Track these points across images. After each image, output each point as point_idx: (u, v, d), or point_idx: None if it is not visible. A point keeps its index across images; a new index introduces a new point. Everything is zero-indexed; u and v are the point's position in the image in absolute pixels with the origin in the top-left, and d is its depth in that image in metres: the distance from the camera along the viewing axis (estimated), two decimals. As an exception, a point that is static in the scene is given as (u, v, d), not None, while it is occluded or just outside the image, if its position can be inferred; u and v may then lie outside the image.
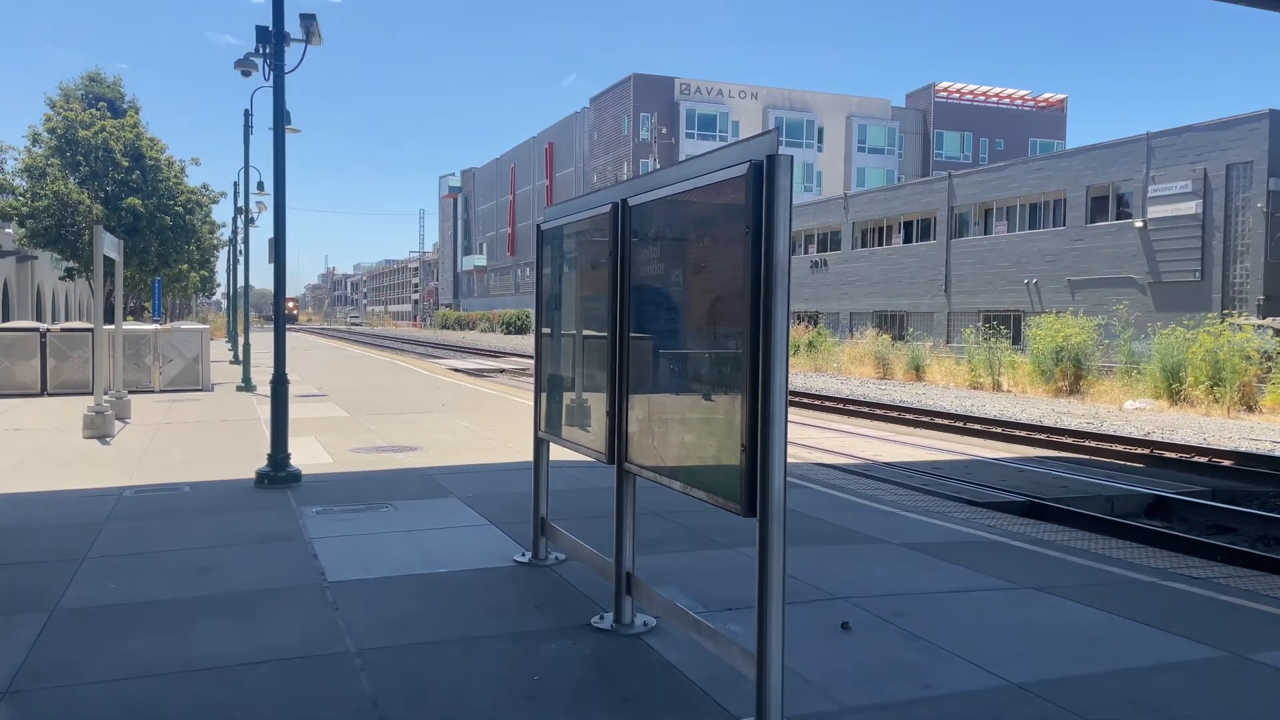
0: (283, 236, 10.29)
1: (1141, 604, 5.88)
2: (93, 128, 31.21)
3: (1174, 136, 33.51)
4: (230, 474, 10.19)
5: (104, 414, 13.08)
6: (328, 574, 6.31)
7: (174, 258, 34.34)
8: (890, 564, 6.78)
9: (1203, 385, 23.30)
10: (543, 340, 6.54)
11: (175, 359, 21.06)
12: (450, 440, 12.99)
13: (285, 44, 10.18)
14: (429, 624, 5.31)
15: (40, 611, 5.45)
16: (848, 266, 49.94)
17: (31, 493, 9.20)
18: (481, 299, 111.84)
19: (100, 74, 34.24)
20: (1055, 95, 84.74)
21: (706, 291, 4.17)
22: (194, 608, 5.57)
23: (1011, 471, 13.11)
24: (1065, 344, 27.51)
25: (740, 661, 3.96)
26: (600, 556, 5.61)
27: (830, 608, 5.63)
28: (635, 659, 4.82)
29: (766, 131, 3.69)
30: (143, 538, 7.31)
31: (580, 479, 9.64)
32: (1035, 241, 38.73)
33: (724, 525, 7.43)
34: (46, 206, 30.20)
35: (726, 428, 3.83)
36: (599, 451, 5.25)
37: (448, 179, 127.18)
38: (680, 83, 76.98)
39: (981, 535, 7.84)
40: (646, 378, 4.78)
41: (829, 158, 79.30)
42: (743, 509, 3.66)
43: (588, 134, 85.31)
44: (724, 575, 6.36)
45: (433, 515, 8.18)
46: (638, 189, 4.82)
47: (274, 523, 7.85)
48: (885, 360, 34.74)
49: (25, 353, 19.32)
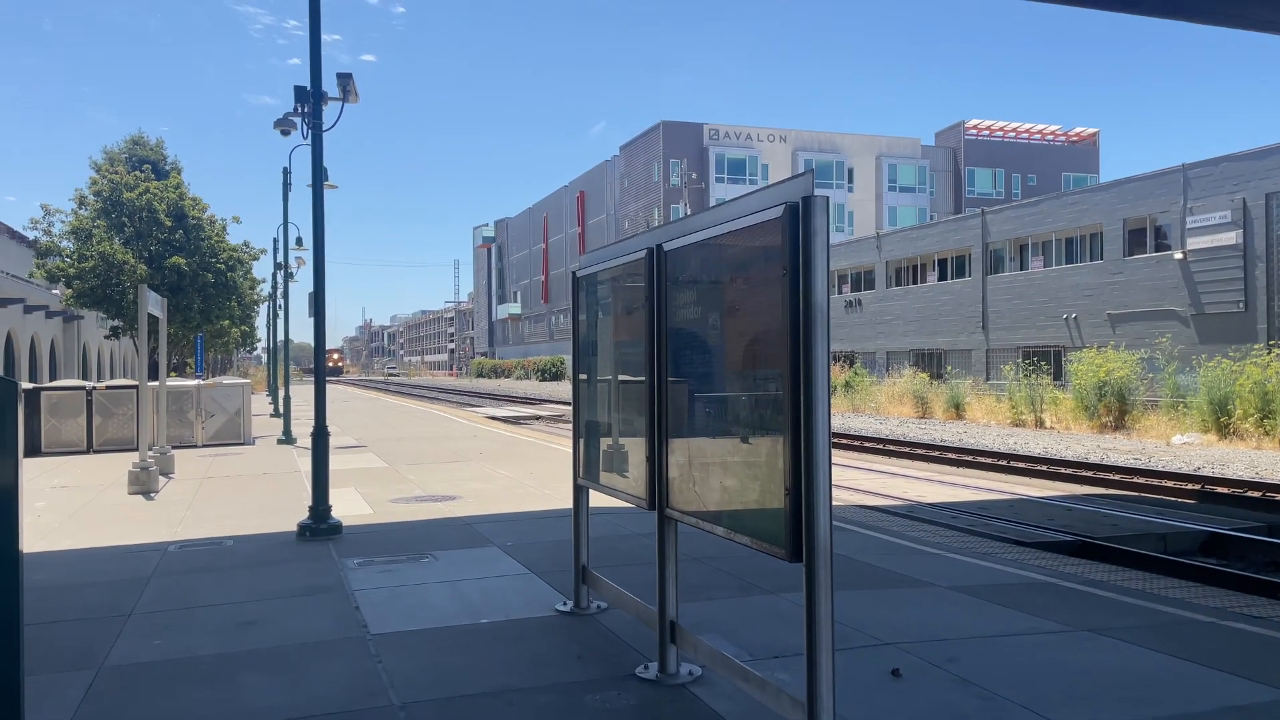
0: (322, 291, 10.43)
1: (1201, 645, 5.69)
2: (137, 189, 32.06)
3: (1211, 167, 33.14)
4: (272, 527, 10.25)
5: (148, 469, 13.25)
6: (370, 626, 6.29)
7: (216, 314, 34.99)
8: (939, 608, 6.64)
9: (1252, 418, 22.78)
10: (580, 386, 6.53)
11: (217, 414, 21.34)
12: (488, 489, 12.99)
13: (323, 103, 10.41)
14: (472, 676, 5.27)
15: (87, 669, 5.48)
16: (883, 305, 49.68)
17: (78, 549, 9.31)
18: (516, 347, 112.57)
19: (143, 137, 35.29)
20: (1087, 129, 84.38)
21: (744, 334, 4.15)
22: (238, 662, 5.57)
23: (1059, 510, 12.85)
24: (1108, 378, 27.07)
25: (790, 711, 3.87)
26: (643, 605, 5.54)
27: (879, 654, 5.51)
28: (681, 709, 4.74)
29: (801, 174, 3.69)
30: (187, 592, 7.35)
31: (620, 525, 9.58)
32: (1073, 276, 38.31)
33: (766, 570, 7.33)
34: (93, 267, 30.94)
35: (768, 471, 3.79)
36: (639, 497, 5.22)
37: (481, 229, 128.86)
38: (709, 128, 77.64)
39: (1032, 576, 7.66)
40: (685, 422, 4.75)
41: (860, 198, 79.34)
42: (788, 554, 3.60)
43: (618, 181, 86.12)
44: (769, 622, 6.25)
45: (473, 565, 8.15)
46: (672, 234, 4.83)
47: (316, 575, 7.86)
48: (924, 399, 34.37)
49: (72, 411, 19.68)
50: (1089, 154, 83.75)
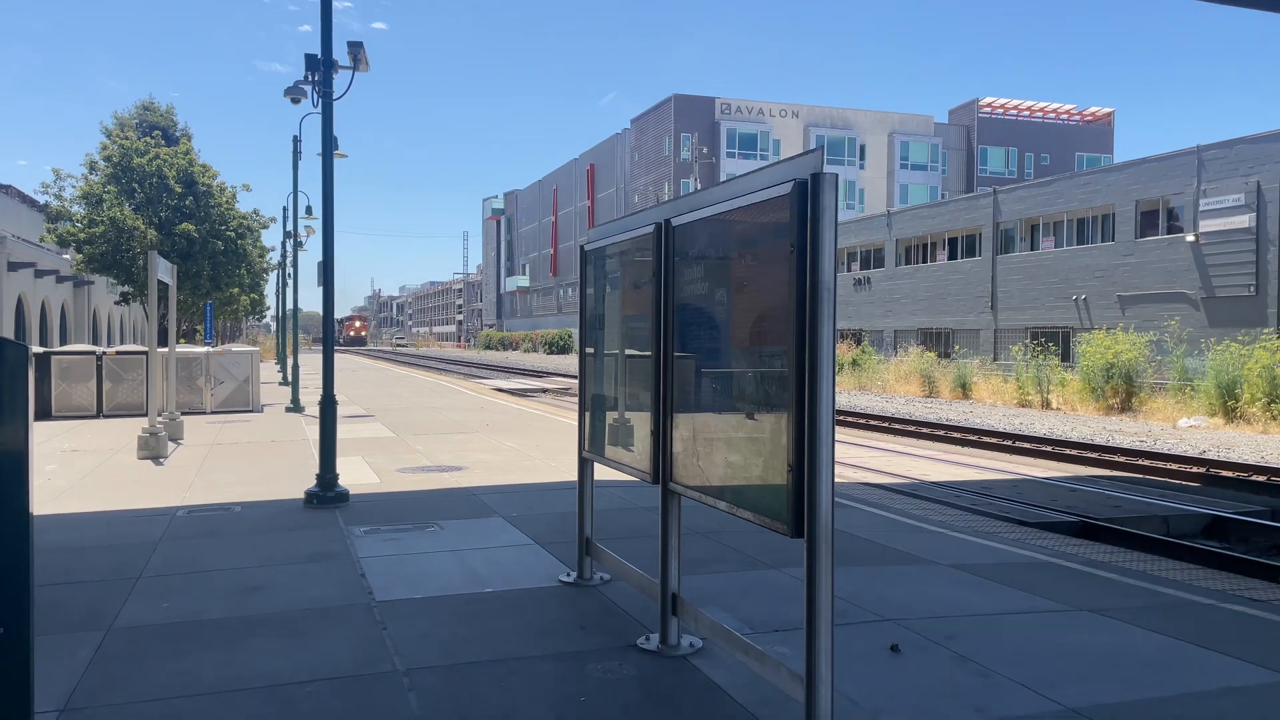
0: (331, 260, 10.45)
1: (1201, 627, 5.72)
2: (147, 155, 32.00)
3: (1225, 149, 32.86)
4: (280, 494, 10.33)
5: (158, 435, 13.34)
6: (375, 593, 6.36)
7: (225, 281, 35.01)
8: (940, 585, 6.68)
9: (1259, 402, 22.72)
10: (586, 360, 6.56)
11: (226, 381, 21.44)
12: (495, 460, 13.06)
13: (334, 71, 10.37)
14: (475, 644, 5.33)
15: (96, 630, 5.56)
16: (892, 284, 49.53)
17: (88, 513, 9.40)
18: (524, 319, 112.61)
19: (154, 103, 35.17)
20: (1102, 109, 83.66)
21: (750, 310, 4.16)
22: (245, 626, 5.64)
23: (1063, 491, 12.87)
24: (1116, 360, 26.99)
25: (788, 684, 3.92)
26: (645, 577, 5.59)
27: (879, 629, 5.56)
28: (682, 680, 4.79)
29: (811, 150, 3.68)
30: (195, 557, 7.43)
31: (624, 498, 9.63)
32: (1084, 257, 38.13)
33: (768, 545, 7.38)
34: (103, 232, 30.96)
35: (772, 447, 3.81)
36: (643, 471, 5.25)
37: (491, 201, 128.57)
38: (721, 102, 77.16)
39: (1033, 556, 7.70)
40: (690, 397, 4.77)
41: (871, 175, 78.92)
42: (790, 529, 3.63)
43: (629, 155, 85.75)
44: (770, 596, 6.30)
45: (478, 535, 8.22)
46: (681, 209, 4.83)
47: (323, 542, 7.94)
48: (931, 378, 34.33)
49: (82, 375, 19.79)
50: (1103, 134, 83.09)
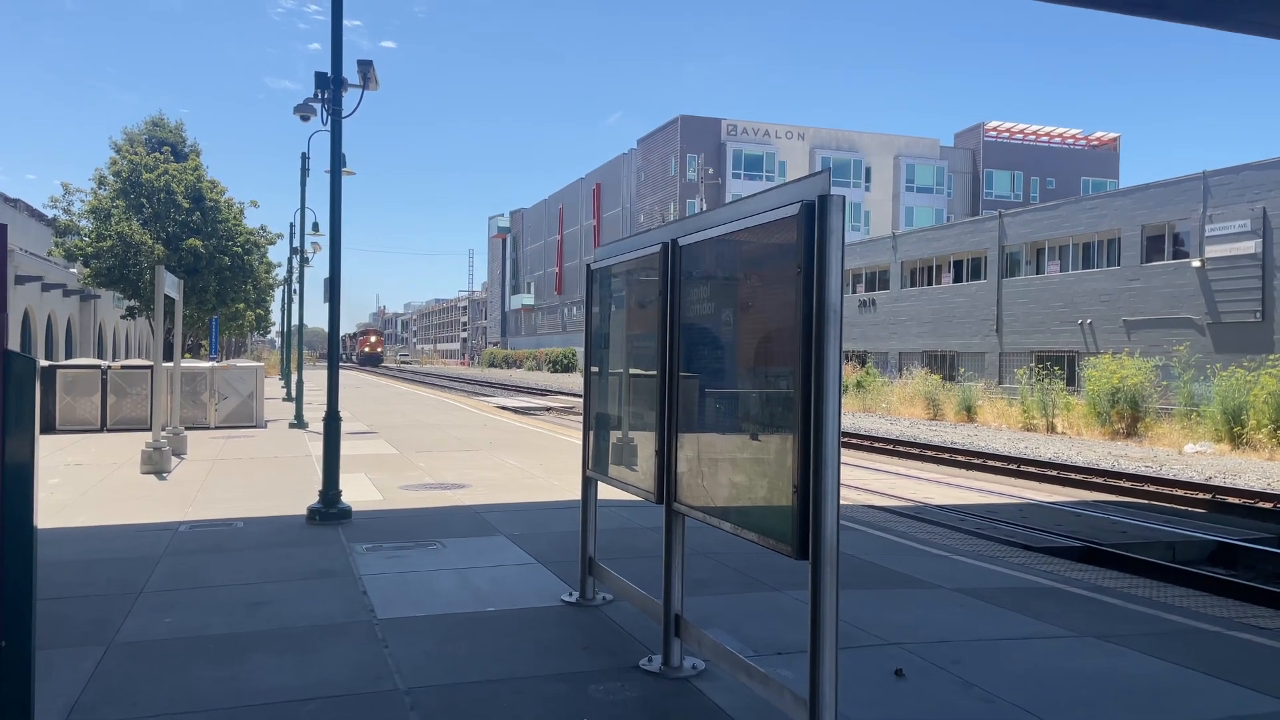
0: (337, 275, 10.48)
1: (1207, 654, 5.68)
2: (156, 171, 32.22)
3: (1231, 175, 32.90)
4: (283, 510, 10.32)
5: (162, 450, 13.34)
6: (377, 611, 6.34)
7: (231, 297, 35.16)
8: (944, 609, 6.64)
9: (1266, 428, 22.64)
10: (591, 379, 6.56)
11: (231, 396, 21.46)
12: (498, 478, 13.04)
13: (344, 89, 10.44)
14: (477, 663, 5.30)
15: (98, 645, 5.54)
16: (897, 306, 49.53)
17: (91, 526, 9.39)
18: (529, 337, 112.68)
19: (163, 119, 35.46)
20: (1108, 134, 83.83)
21: (756, 331, 4.16)
22: (247, 642, 5.62)
23: (1068, 516, 12.81)
24: (1122, 385, 26.94)
25: (792, 707, 3.89)
26: (648, 598, 5.56)
27: (882, 654, 5.52)
28: (684, 703, 4.76)
29: (818, 172, 3.69)
30: (198, 572, 7.41)
31: (628, 518, 9.61)
32: (1089, 281, 38.11)
33: (772, 566, 7.35)
34: (110, 247, 31.12)
35: (777, 468, 3.80)
36: (647, 491, 5.24)
37: (496, 219, 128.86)
38: (727, 124, 77.46)
39: (1038, 581, 7.66)
40: (695, 417, 4.77)
41: (877, 197, 79.06)
42: (794, 551, 3.62)
43: (635, 175, 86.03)
44: (773, 618, 6.27)
45: (481, 553, 8.20)
46: (688, 229, 4.84)
47: (325, 559, 7.92)
48: (935, 401, 34.27)
49: (87, 389, 19.82)
50: (1109, 159, 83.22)
